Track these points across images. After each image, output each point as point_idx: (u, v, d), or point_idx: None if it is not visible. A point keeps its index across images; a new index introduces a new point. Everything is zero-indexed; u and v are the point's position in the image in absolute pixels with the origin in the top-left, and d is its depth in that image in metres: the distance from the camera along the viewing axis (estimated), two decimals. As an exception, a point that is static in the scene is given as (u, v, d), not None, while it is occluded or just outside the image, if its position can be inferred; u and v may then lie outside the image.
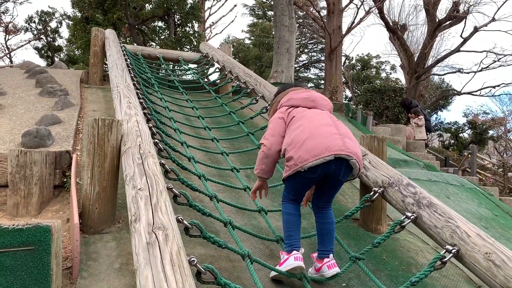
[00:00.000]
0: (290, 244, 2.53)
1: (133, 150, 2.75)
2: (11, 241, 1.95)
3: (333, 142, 2.39)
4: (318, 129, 2.45)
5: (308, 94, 2.74)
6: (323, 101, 2.75)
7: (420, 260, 3.23)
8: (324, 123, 2.51)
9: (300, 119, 2.56)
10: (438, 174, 5.68)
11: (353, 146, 2.48)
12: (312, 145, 2.37)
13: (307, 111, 2.62)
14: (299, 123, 2.53)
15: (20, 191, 3.44)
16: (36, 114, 4.92)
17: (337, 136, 2.44)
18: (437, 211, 2.65)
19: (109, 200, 2.96)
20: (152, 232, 1.94)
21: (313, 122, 2.51)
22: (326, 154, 2.35)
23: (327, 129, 2.47)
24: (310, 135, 2.41)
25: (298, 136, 2.45)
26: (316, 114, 2.60)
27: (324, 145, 2.37)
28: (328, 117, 2.61)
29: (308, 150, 2.36)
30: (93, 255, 2.58)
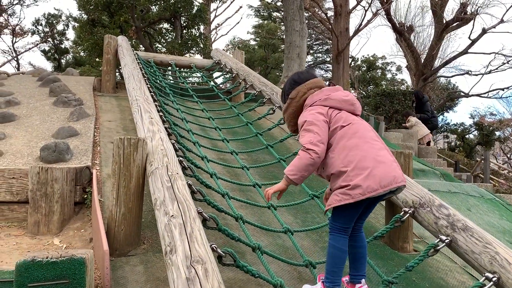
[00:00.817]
0: (333, 281, 2.35)
1: (160, 171, 2.69)
2: (45, 275, 1.89)
3: (396, 172, 2.30)
4: (379, 155, 2.30)
5: (346, 94, 2.51)
6: (359, 104, 2.55)
7: (451, 281, 3.15)
8: (379, 147, 2.35)
9: (353, 136, 2.32)
10: (457, 185, 5.60)
11: (402, 172, 2.41)
12: (381, 175, 2.24)
13: (355, 124, 2.38)
14: (354, 142, 2.30)
15: (41, 209, 3.39)
16: (52, 126, 4.87)
17: (395, 165, 2.34)
18: (473, 235, 2.57)
19: (135, 221, 2.90)
20: (191, 266, 1.88)
21: (369, 142, 2.32)
22: (394, 185, 2.26)
23: (386, 155, 2.34)
24: (375, 163, 2.25)
25: (360, 161, 2.25)
26: (364, 129, 2.39)
27: (391, 175, 2.26)
28: (374, 133, 2.43)
29: (377, 180, 2.22)
30: (121, 280, 2.52)
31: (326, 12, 18.94)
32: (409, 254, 3.48)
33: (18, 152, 4.16)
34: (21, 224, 3.56)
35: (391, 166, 2.30)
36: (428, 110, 10.74)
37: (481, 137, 23.06)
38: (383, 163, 2.27)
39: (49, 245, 3.18)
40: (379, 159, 2.28)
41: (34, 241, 3.25)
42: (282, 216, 3.44)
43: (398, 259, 3.33)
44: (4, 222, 3.57)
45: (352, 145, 2.30)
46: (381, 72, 28.02)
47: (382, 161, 2.28)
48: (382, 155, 2.31)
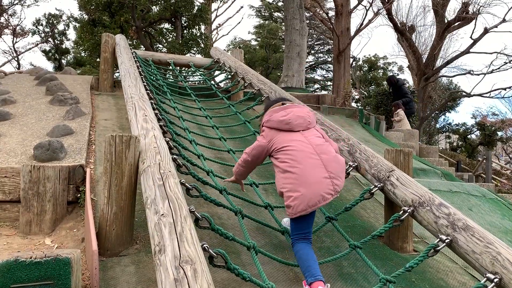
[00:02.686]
0: (311, 274, 2.45)
1: (152, 169, 2.62)
2: (29, 276, 1.82)
3: (326, 189, 2.59)
4: (311, 175, 2.59)
5: (284, 115, 2.83)
6: (299, 120, 2.84)
7: (451, 282, 3.07)
8: (313, 164, 2.63)
9: (287, 160, 2.66)
10: (458, 184, 5.52)
11: (340, 183, 2.69)
12: (309, 196, 2.55)
13: (290, 146, 2.71)
14: (290, 164, 2.64)
15: (33, 208, 3.33)
16: (47, 124, 4.81)
17: (328, 181, 2.62)
18: (474, 235, 2.50)
19: (127, 221, 2.83)
20: (180, 266, 1.81)
21: (301, 164, 2.62)
22: (322, 203, 2.58)
23: (318, 172, 2.61)
24: (304, 186, 2.56)
25: (293, 184, 2.59)
26: (299, 149, 2.69)
27: (318, 195, 2.56)
28: (310, 147, 2.71)
29: (306, 201, 2.55)
30: (112, 281, 2.45)
31: (327, 12, 18.85)
32: (409, 254, 3.40)
33: (11, 150, 4.10)
34: (13, 224, 3.50)
35: (322, 184, 2.59)
36: (406, 92, 10.34)
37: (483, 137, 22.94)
38: (313, 184, 2.57)
39: (40, 245, 3.12)
40: (309, 181, 2.57)
41: (25, 241, 3.19)
42: (280, 216, 3.37)
43: (398, 259, 3.25)
44: (-4, 222, 3.51)
45: (287, 169, 2.64)
46: (382, 72, 27.90)
47: (312, 182, 2.57)
48: (313, 175, 2.59)
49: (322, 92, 28.45)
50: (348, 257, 3.10)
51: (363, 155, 3.47)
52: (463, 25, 19.16)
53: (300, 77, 10.34)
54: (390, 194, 3.12)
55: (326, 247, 3.22)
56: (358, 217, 3.91)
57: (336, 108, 8.12)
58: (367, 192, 3.20)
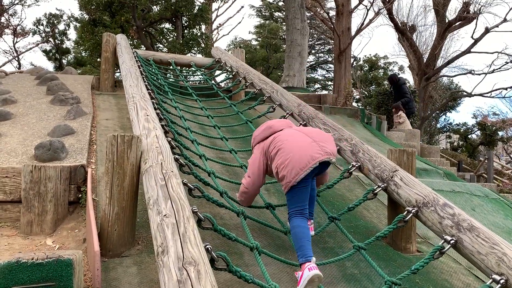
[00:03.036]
0: (303, 254, 2.56)
1: (155, 169, 2.60)
2: (30, 277, 1.80)
3: (313, 151, 2.76)
4: (298, 143, 2.81)
5: (264, 127, 3.15)
6: (281, 122, 3.16)
7: (455, 283, 3.05)
8: (298, 136, 2.88)
9: (277, 142, 2.90)
10: (460, 184, 5.49)
11: (330, 148, 2.86)
12: (298, 159, 2.71)
13: (279, 136, 2.95)
14: (279, 146, 2.86)
15: (34, 209, 3.31)
16: (48, 124, 4.79)
17: (314, 144, 2.81)
18: (479, 235, 2.48)
19: (129, 221, 2.81)
20: (183, 268, 1.79)
21: (289, 139, 2.86)
22: (312, 163, 2.71)
23: (304, 140, 2.83)
24: (293, 152, 2.75)
25: (283, 157, 2.78)
26: (286, 131, 2.98)
27: (308, 155, 2.72)
28: (296, 130, 3.01)
29: (296, 165, 2.70)
30: (114, 282, 2.43)
31: (328, 12, 18.82)
32: (413, 255, 3.38)
33: (12, 150, 4.08)
34: (14, 224, 3.48)
35: (309, 148, 2.76)
36: (407, 92, 10.24)
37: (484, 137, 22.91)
38: (300, 148, 2.76)
39: (41, 246, 3.10)
40: (295, 147, 2.77)
41: (26, 242, 3.17)
42: (282, 217, 3.35)
43: (401, 260, 3.22)
44: (-3, 222, 3.49)
45: (277, 151, 2.86)
46: (383, 72, 27.87)
47: (299, 147, 2.77)
48: (300, 141, 2.81)
49: (323, 92, 28.44)
50: (351, 258, 3.08)
51: (366, 155, 3.45)
52: (464, 24, 19.12)
53: (301, 77, 10.31)
54: (393, 195, 3.10)
55: (330, 248, 3.20)
56: (361, 217, 3.89)
57: (338, 108, 8.09)
58: (370, 192, 3.18)
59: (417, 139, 9.52)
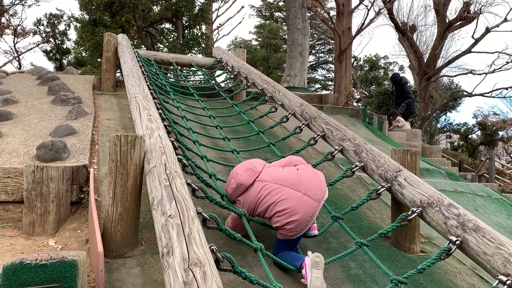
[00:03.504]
0: (297, 258, 2.67)
1: (158, 169, 2.58)
2: (34, 278, 1.79)
3: (310, 208, 2.76)
4: (295, 201, 2.80)
5: (235, 184, 3.01)
6: (247, 174, 2.98)
7: (460, 284, 3.03)
8: (290, 190, 2.83)
9: (272, 191, 2.87)
10: (463, 184, 5.48)
11: (320, 194, 2.84)
12: (301, 222, 2.75)
13: (265, 182, 2.93)
14: (278, 197, 2.83)
15: (36, 209, 3.29)
16: (49, 124, 4.77)
17: (307, 198, 2.78)
18: (485, 236, 2.46)
19: (132, 222, 2.80)
20: (189, 269, 1.77)
21: (286, 193, 2.82)
22: (310, 222, 2.76)
23: (296, 194, 2.80)
24: (296, 213, 2.75)
25: (291, 217, 2.76)
26: (274, 186, 2.88)
27: (307, 216, 2.75)
28: (280, 184, 2.91)
29: (299, 227, 2.75)
30: (117, 283, 2.42)
31: (328, 12, 18.81)
32: (416, 255, 3.36)
33: (14, 150, 4.06)
34: (16, 225, 3.46)
35: (304, 205, 2.75)
36: (409, 92, 10.22)
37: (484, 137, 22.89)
38: (298, 207, 2.75)
39: (44, 246, 3.08)
40: (295, 205, 2.76)
41: (28, 242, 3.15)
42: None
43: (405, 260, 3.21)
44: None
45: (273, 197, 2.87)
46: (383, 72, 27.86)
47: (295, 206, 2.77)
48: (296, 198, 2.80)
49: (323, 92, 28.43)
50: (355, 259, 3.07)
51: (370, 155, 3.43)
52: (465, 24, 19.12)
53: (303, 77, 10.30)
54: (397, 195, 3.08)
55: (333, 248, 3.18)
56: (364, 217, 3.88)
57: (339, 108, 8.08)
58: (374, 192, 3.16)
59: (418, 139, 9.51)
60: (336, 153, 3.72)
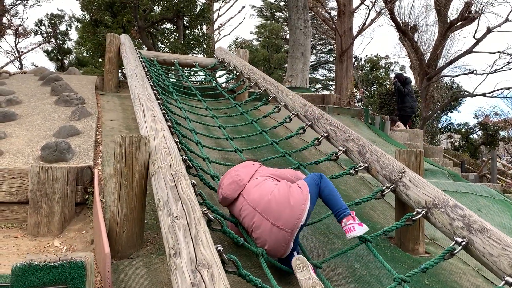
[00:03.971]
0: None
1: (164, 170, 2.59)
2: (43, 280, 1.79)
3: (282, 241, 2.58)
4: (268, 236, 2.62)
5: (220, 196, 2.87)
6: (230, 191, 2.81)
7: (465, 285, 3.03)
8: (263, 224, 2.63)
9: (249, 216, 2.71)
10: (466, 185, 5.48)
11: (289, 219, 2.57)
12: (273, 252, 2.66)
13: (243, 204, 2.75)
14: (254, 223, 2.68)
15: (41, 210, 3.30)
16: (53, 125, 4.78)
17: (274, 229, 2.58)
18: (491, 237, 2.46)
19: (138, 222, 2.80)
20: (197, 270, 1.78)
21: (259, 225, 2.66)
22: (287, 248, 2.64)
23: (268, 229, 2.60)
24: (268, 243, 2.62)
25: (260, 237, 2.66)
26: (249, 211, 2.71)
27: (282, 248, 2.62)
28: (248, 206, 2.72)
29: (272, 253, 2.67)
30: (124, 284, 2.42)
31: (330, 12, 18.81)
32: (421, 256, 3.36)
33: (18, 151, 4.07)
34: (21, 225, 3.47)
35: (275, 240, 2.59)
36: (410, 90, 10.22)
37: (485, 137, 22.87)
38: (270, 241, 2.61)
39: (49, 247, 3.09)
40: (268, 238, 2.60)
41: (34, 243, 3.16)
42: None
43: (410, 261, 3.21)
44: (3, 223, 3.48)
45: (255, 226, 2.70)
46: (384, 72, 27.86)
47: (270, 240, 2.61)
48: (267, 232, 2.62)
49: (324, 91, 28.43)
50: (360, 260, 3.07)
51: (374, 155, 3.44)
52: (466, 24, 19.11)
53: (304, 77, 10.30)
54: (402, 196, 3.08)
55: (338, 249, 3.18)
56: (368, 218, 3.88)
57: (341, 108, 8.08)
58: (379, 192, 3.16)
59: (420, 139, 9.51)
60: (340, 154, 3.72)
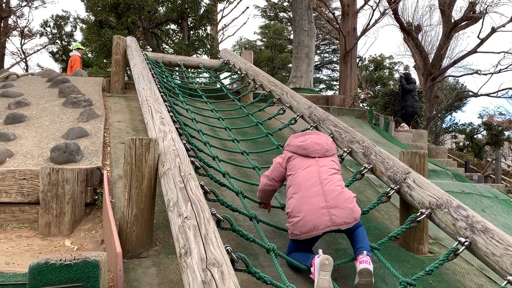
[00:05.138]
0: (307, 258, 2.69)
1: (173, 172, 2.65)
2: (59, 278, 1.86)
3: (319, 220, 2.66)
4: (309, 203, 2.71)
5: (302, 140, 3.03)
6: (316, 146, 2.99)
7: (468, 284, 3.08)
8: (314, 192, 2.74)
9: (294, 185, 2.85)
10: (470, 185, 5.51)
11: (341, 216, 2.69)
12: (302, 224, 2.69)
13: (301, 172, 2.87)
14: (295, 188, 2.82)
15: (52, 210, 3.37)
16: (61, 126, 4.86)
17: (324, 211, 2.68)
18: (494, 237, 2.51)
19: (147, 223, 2.87)
20: (207, 269, 1.84)
21: (304, 189, 2.77)
22: (315, 233, 2.68)
23: (316, 202, 2.71)
24: (302, 213, 2.70)
25: (293, 210, 2.76)
26: (307, 178, 2.82)
27: (311, 224, 2.67)
28: (317, 177, 2.82)
29: (299, 228, 2.71)
30: (134, 283, 2.49)
31: (333, 12, 18.84)
32: (425, 256, 3.41)
33: (28, 153, 4.15)
34: (32, 225, 3.55)
35: (317, 214, 2.67)
36: (414, 89, 10.27)
37: (490, 137, 22.82)
38: (309, 212, 2.69)
39: (60, 247, 3.16)
40: (305, 209, 2.70)
41: (45, 243, 3.23)
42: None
43: (414, 261, 3.26)
44: (15, 223, 3.56)
45: (292, 190, 2.84)
46: (388, 72, 27.84)
47: (309, 210, 2.69)
48: (312, 204, 2.71)
49: (328, 92, 28.45)
50: (365, 259, 3.12)
51: (379, 157, 3.49)
52: (470, 24, 19.08)
53: (309, 78, 10.35)
54: (406, 196, 3.13)
55: (343, 249, 3.24)
56: (372, 218, 3.93)
57: (346, 109, 8.12)
58: (384, 195, 3.21)
59: (424, 139, 9.53)
60: (345, 156, 3.78)
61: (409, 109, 10.05)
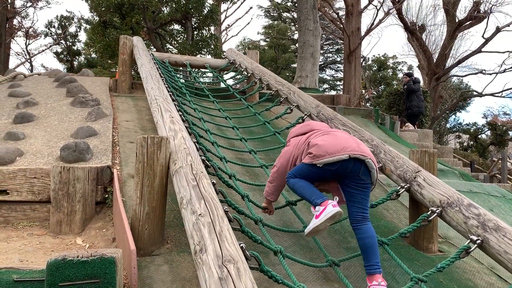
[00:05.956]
0: (319, 196, 2.61)
1: (185, 170, 2.66)
2: (76, 274, 1.88)
3: (348, 144, 2.65)
4: (336, 134, 2.79)
5: (304, 123, 3.19)
6: (319, 124, 3.14)
7: (479, 283, 3.08)
8: (336, 132, 2.88)
9: (315, 133, 2.89)
10: (477, 185, 5.50)
11: (368, 150, 2.73)
12: (330, 145, 2.65)
13: (317, 131, 2.94)
14: (317, 133, 2.88)
15: (63, 209, 3.39)
16: (70, 126, 4.89)
17: (351, 140, 2.73)
18: (506, 235, 2.51)
19: (159, 220, 2.88)
20: (223, 265, 1.85)
21: (331, 132, 2.85)
22: (342, 153, 2.59)
23: (343, 134, 2.82)
24: (329, 139, 2.71)
25: (321, 138, 2.75)
26: (325, 130, 2.95)
27: (339, 146, 2.63)
28: (334, 130, 2.99)
29: (326, 147, 2.63)
30: (148, 280, 2.50)
31: (338, 12, 18.84)
32: (435, 254, 3.41)
33: (38, 152, 4.18)
34: (43, 224, 3.57)
35: (345, 140, 2.69)
36: (419, 90, 10.26)
37: (494, 137, 22.73)
38: (337, 138, 2.71)
39: (72, 245, 3.18)
40: (332, 136, 2.74)
41: (57, 241, 3.25)
42: (304, 215, 3.39)
43: (424, 259, 3.26)
44: (26, 222, 3.59)
45: (318, 135, 2.85)
46: (392, 72, 27.80)
47: (336, 137, 2.73)
48: (338, 135, 2.78)
49: (332, 92, 28.42)
50: (375, 257, 3.12)
51: (388, 155, 3.49)
52: (475, 24, 19.04)
53: (314, 78, 10.36)
54: (417, 195, 3.13)
55: (353, 248, 3.25)
56: (381, 217, 3.93)
57: (352, 109, 8.12)
58: (394, 193, 3.21)
59: (429, 139, 9.52)
60: (354, 155, 3.77)
61: (415, 109, 10.04)
